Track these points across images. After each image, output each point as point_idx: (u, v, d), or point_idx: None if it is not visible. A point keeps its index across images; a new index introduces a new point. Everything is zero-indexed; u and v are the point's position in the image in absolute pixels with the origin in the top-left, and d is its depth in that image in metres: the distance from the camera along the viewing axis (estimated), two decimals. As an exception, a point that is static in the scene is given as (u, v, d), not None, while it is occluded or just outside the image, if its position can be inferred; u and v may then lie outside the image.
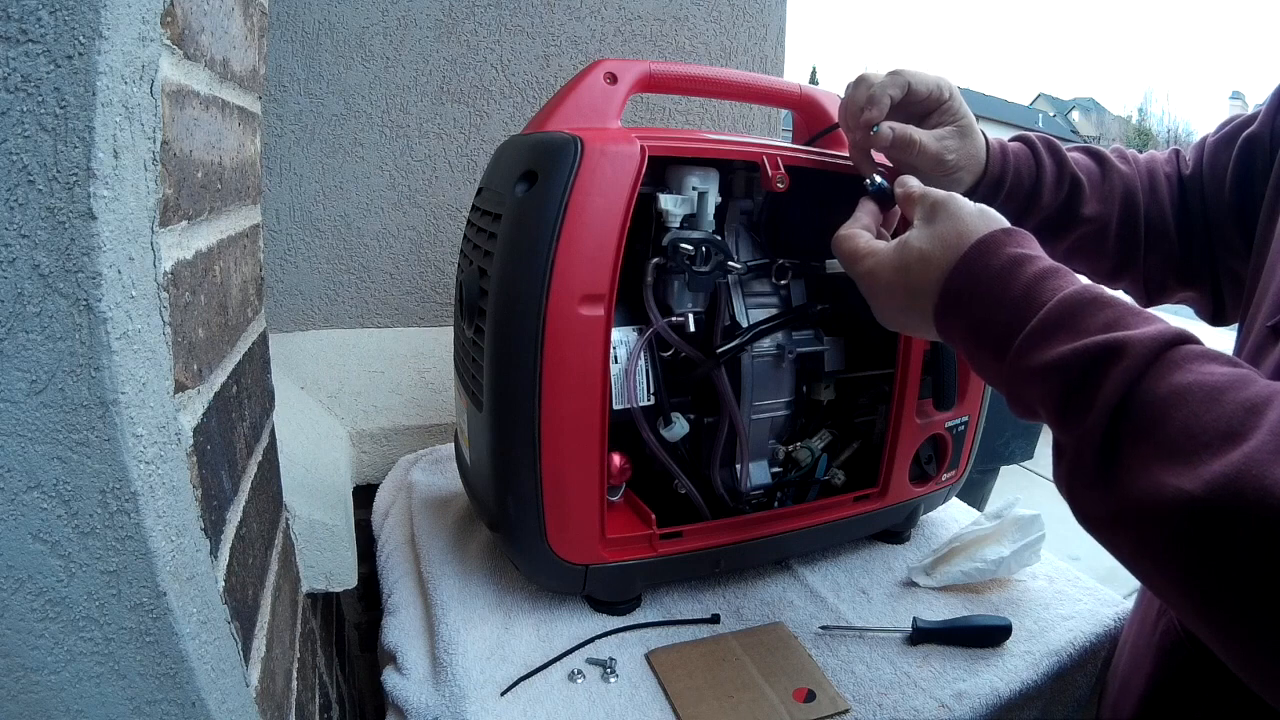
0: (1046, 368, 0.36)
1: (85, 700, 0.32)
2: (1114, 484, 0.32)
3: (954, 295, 0.42)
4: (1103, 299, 0.37)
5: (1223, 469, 0.28)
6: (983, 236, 0.42)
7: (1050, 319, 0.37)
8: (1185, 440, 0.30)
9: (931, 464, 0.74)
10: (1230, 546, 0.27)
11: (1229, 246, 0.60)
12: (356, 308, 1.11)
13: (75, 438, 0.29)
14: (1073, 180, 0.62)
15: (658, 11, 1.16)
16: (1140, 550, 0.32)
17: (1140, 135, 36.59)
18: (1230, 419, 0.29)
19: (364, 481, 0.97)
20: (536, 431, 0.55)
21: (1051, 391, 0.35)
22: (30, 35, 0.26)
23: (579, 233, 0.53)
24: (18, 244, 0.27)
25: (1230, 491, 0.28)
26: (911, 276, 0.45)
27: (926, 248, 0.44)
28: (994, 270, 0.41)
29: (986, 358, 0.41)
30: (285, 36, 0.99)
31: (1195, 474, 0.29)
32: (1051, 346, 0.36)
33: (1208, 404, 0.30)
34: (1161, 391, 0.32)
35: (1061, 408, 0.35)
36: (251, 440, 0.49)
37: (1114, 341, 0.34)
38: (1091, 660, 0.63)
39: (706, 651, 0.60)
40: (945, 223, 0.45)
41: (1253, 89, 52.16)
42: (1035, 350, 0.37)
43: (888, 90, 0.57)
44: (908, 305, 0.46)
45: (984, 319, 0.40)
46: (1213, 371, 0.32)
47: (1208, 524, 0.28)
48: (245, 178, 0.49)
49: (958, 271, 0.42)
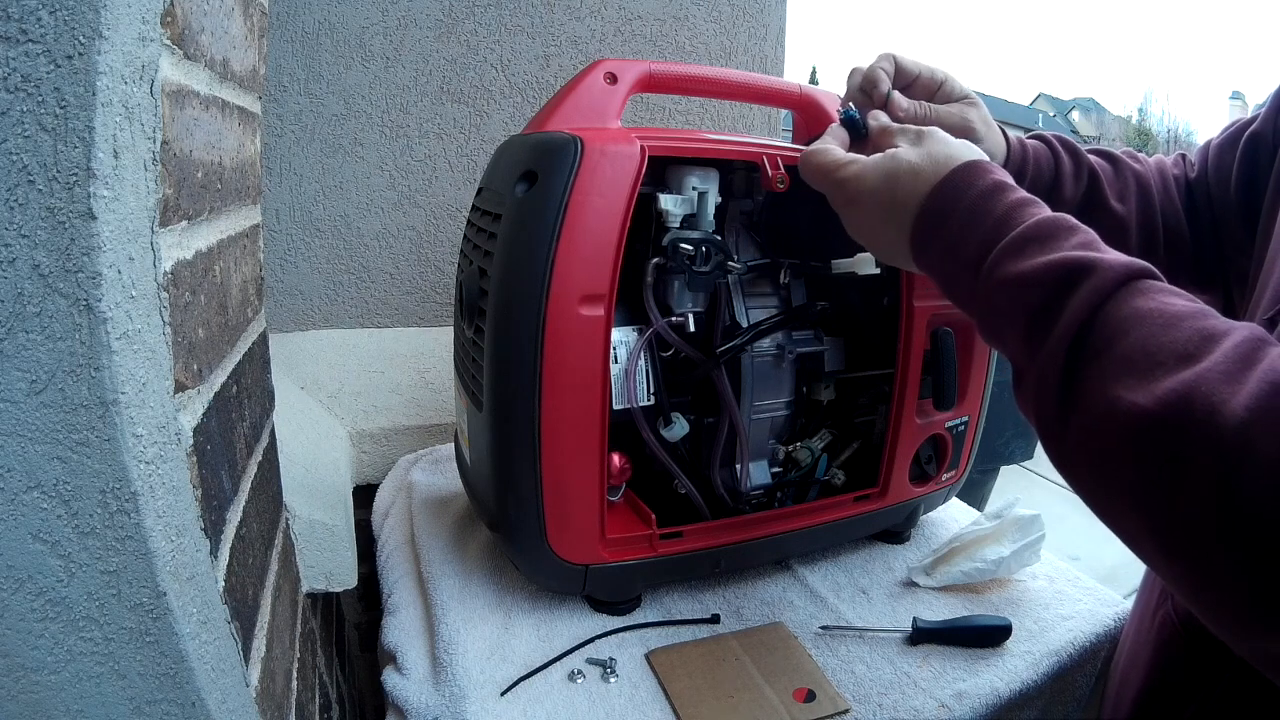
0: (1019, 279, 0.37)
1: (85, 700, 0.32)
2: (1073, 402, 0.33)
3: (937, 209, 0.43)
4: (1078, 226, 0.38)
5: (1174, 385, 0.29)
6: (971, 160, 0.44)
7: (1027, 234, 0.38)
8: (1142, 359, 0.31)
9: (931, 464, 0.74)
10: (1178, 462, 0.28)
11: (1237, 246, 0.60)
12: (356, 308, 1.11)
13: (75, 438, 0.29)
14: (1091, 172, 0.62)
15: (658, 11, 1.16)
16: (1097, 471, 0.32)
17: (1140, 135, 36.56)
18: (1186, 342, 0.30)
19: (364, 481, 0.97)
20: (536, 431, 0.55)
21: (1023, 305, 0.36)
22: (30, 35, 0.26)
23: (579, 233, 0.53)
24: (18, 244, 0.27)
25: (1180, 408, 0.28)
26: (899, 185, 0.46)
27: (917, 161, 0.45)
28: (979, 189, 0.42)
29: (960, 273, 0.41)
30: (285, 36, 0.99)
31: (1148, 389, 0.30)
32: (1026, 259, 0.37)
33: (1166, 328, 0.31)
34: (1125, 312, 0.33)
35: (1030, 322, 0.36)
36: (251, 440, 0.49)
37: (1086, 260, 0.35)
38: (1091, 660, 0.63)
39: (706, 651, 0.60)
40: (935, 145, 0.46)
41: (1253, 89, 52.13)
42: (1009, 262, 0.38)
43: (879, 67, 0.58)
44: (887, 216, 0.46)
45: (964, 233, 0.41)
46: (1174, 302, 0.33)
47: (1157, 438, 0.29)
48: (245, 178, 0.49)
49: (945, 185, 0.43)
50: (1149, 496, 0.29)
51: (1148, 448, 0.29)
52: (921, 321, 0.67)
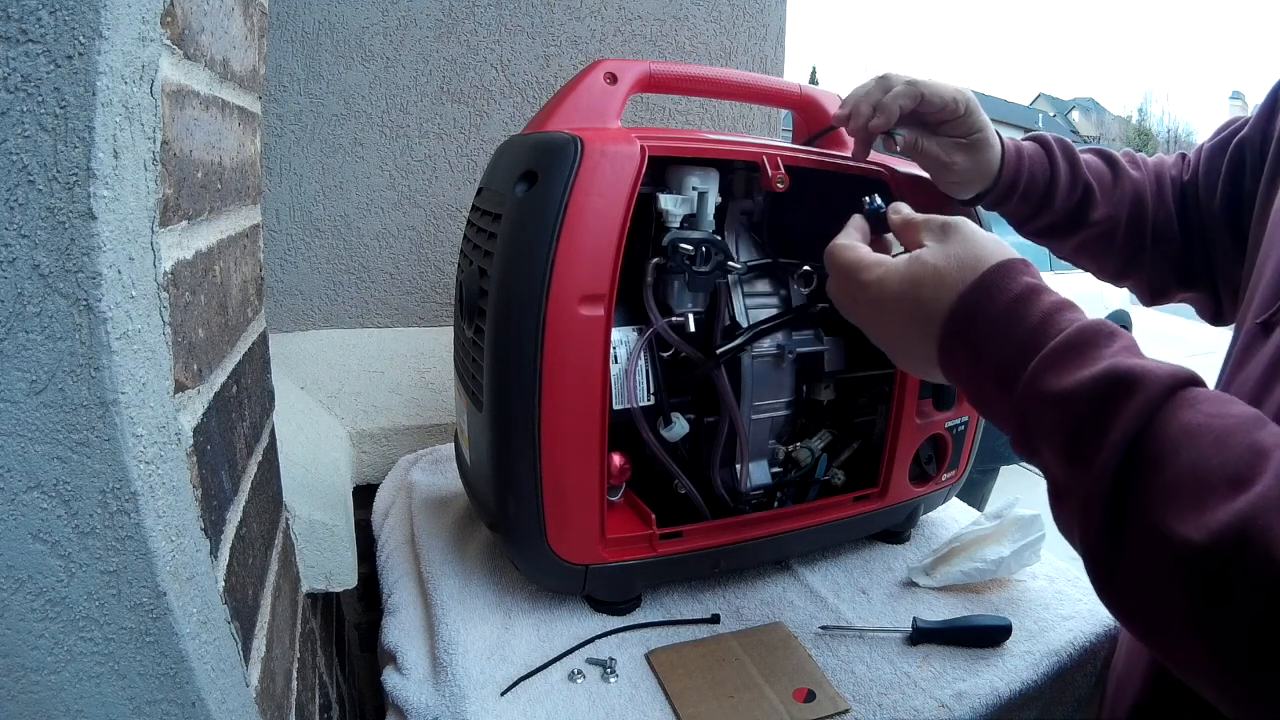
0: (1058, 396, 0.34)
1: (85, 700, 0.32)
2: (1122, 531, 0.31)
3: (966, 317, 0.40)
4: (1117, 331, 0.36)
5: (1227, 517, 0.27)
6: (1001, 261, 0.41)
7: (1065, 345, 0.36)
8: (1193, 483, 0.29)
9: (931, 464, 0.74)
10: (1233, 597, 0.27)
11: (1223, 250, 0.61)
12: (356, 308, 1.11)
13: (75, 438, 0.29)
14: (1085, 186, 0.62)
15: (658, 11, 1.16)
16: (1147, 601, 0.31)
17: (1140, 135, 36.56)
18: (1237, 463, 0.29)
19: (364, 481, 0.97)
20: (536, 431, 0.55)
21: (1061, 423, 0.34)
22: (30, 35, 0.26)
23: (579, 233, 0.53)
24: (18, 244, 0.27)
25: (1235, 542, 0.27)
26: (923, 292, 0.43)
27: (942, 265, 0.42)
28: (1011, 295, 0.39)
29: (991, 386, 0.39)
30: (285, 36, 0.99)
31: (1200, 522, 0.28)
32: (1065, 374, 0.35)
33: (1216, 447, 0.29)
34: (1172, 430, 0.31)
35: (1071, 441, 0.33)
36: (251, 440, 0.49)
37: (1130, 371, 0.33)
38: (1091, 660, 0.63)
39: (706, 651, 0.60)
40: (962, 244, 0.43)
41: (1253, 89, 52.18)
42: (1047, 377, 0.35)
43: (899, 100, 0.58)
44: (910, 323, 0.44)
45: (995, 343, 0.39)
46: (1222, 414, 0.31)
47: (1212, 573, 0.27)
48: (245, 178, 0.49)
49: (973, 291, 0.40)
50: (1204, 628, 0.28)
51: (1202, 582, 0.28)
52: (921, 321, 0.67)
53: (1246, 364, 0.46)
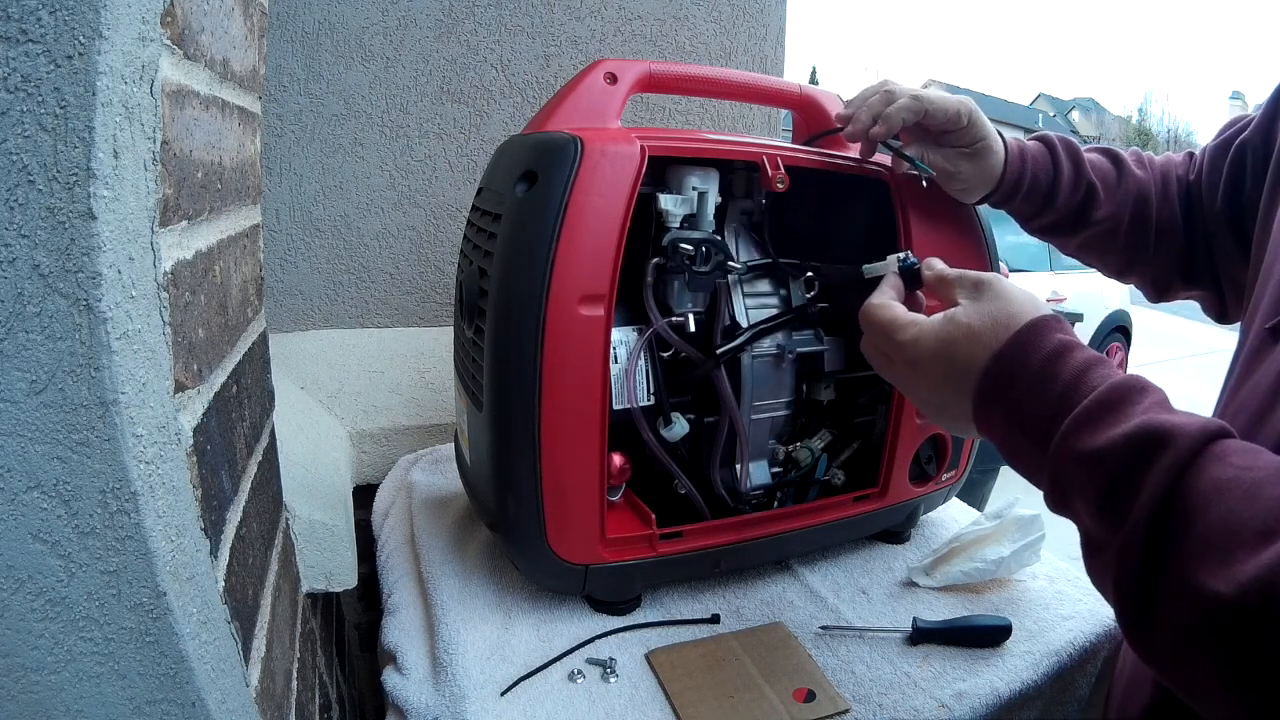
0: (1092, 454, 0.35)
1: (85, 700, 0.32)
2: (1154, 584, 0.31)
3: (1001, 376, 0.41)
4: (1149, 387, 0.36)
5: (1255, 571, 0.28)
6: (1034, 319, 0.41)
7: (1098, 404, 0.36)
8: (1223, 538, 0.29)
9: (931, 464, 0.74)
10: (1262, 651, 0.27)
11: (1225, 250, 0.61)
12: (356, 308, 1.11)
13: (75, 438, 0.29)
14: (1089, 185, 0.63)
15: (658, 11, 1.16)
16: (1180, 654, 0.31)
17: (1140, 135, 36.56)
18: (1267, 516, 0.29)
19: (364, 481, 0.97)
20: (536, 431, 0.55)
21: (1095, 480, 0.34)
22: (30, 35, 0.26)
23: (579, 233, 0.53)
24: (18, 244, 0.27)
25: (1264, 595, 0.27)
26: (958, 351, 0.43)
27: (976, 324, 0.43)
28: (1045, 353, 0.39)
29: (1026, 442, 0.39)
30: (285, 36, 0.99)
31: (1230, 575, 0.28)
32: (1099, 432, 0.35)
33: (1247, 500, 0.30)
34: (1203, 485, 0.31)
35: (1104, 498, 0.34)
36: (251, 440, 0.49)
37: (1160, 428, 0.33)
38: (1091, 660, 0.63)
39: (706, 651, 0.60)
40: (994, 302, 0.43)
41: (1253, 89, 52.21)
42: (1081, 435, 0.36)
43: (902, 114, 0.59)
44: (945, 381, 0.44)
45: (1030, 401, 0.39)
46: (1253, 465, 0.31)
47: (1242, 627, 0.28)
48: (245, 178, 0.49)
49: (1007, 350, 0.41)
50: (1233, 681, 0.28)
51: (1230, 636, 0.28)
52: (921, 321, 0.67)
53: (1255, 370, 0.46)
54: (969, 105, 0.60)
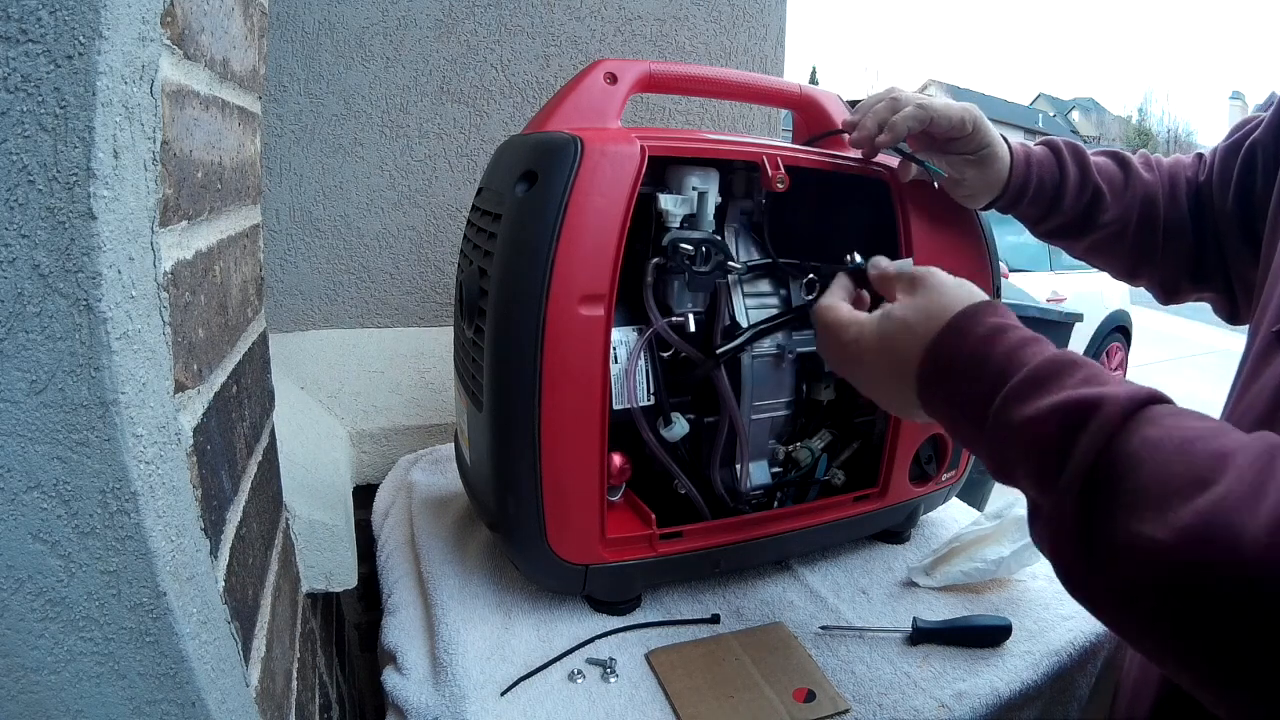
0: (1025, 424, 0.36)
1: (85, 700, 0.32)
2: (1092, 540, 0.32)
3: (938, 362, 0.43)
4: (1081, 361, 0.38)
5: (1192, 517, 0.28)
6: (966, 307, 0.43)
7: (1030, 378, 0.37)
8: (1156, 489, 0.30)
9: (931, 464, 0.74)
10: (1203, 595, 0.27)
11: (1235, 251, 0.61)
12: (356, 308, 1.11)
13: (75, 438, 0.29)
14: (1094, 189, 0.63)
15: (658, 11, 1.16)
16: (1123, 607, 0.32)
17: (1140, 135, 36.55)
18: (1200, 466, 0.29)
19: (364, 481, 0.97)
20: (536, 431, 0.55)
21: (1030, 448, 0.36)
22: (30, 35, 0.26)
23: (579, 233, 0.53)
24: (18, 244, 0.27)
25: (1200, 539, 0.28)
26: (895, 345, 0.46)
27: (910, 317, 0.45)
28: (977, 336, 0.41)
29: (966, 423, 0.41)
30: (285, 36, 0.99)
31: (1165, 522, 0.29)
32: (1030, 403, 0.36)
33: (1179, 454, 0.30)
34: (1134, 445, 0.32)
35: (1040, 464, 0.35)
36: (251, 440, 0.49)
37: (1091, 396, 0.34)
38: (1091, 660, 0.63)
39: (706, 651, 0.60)
40: (928, 294, 0.46)
41: (1253, 89, 52.19)
42: (1014, 408, 0.37)
43: (908, 122, 0.59)
44: (890, 374, 0.46)
45: (967, 383, 0.41)
46: (1184, 425, 0.32)
47: (1180, 572, 0.28)
48: (245, 178, 0.49)
49: (941, 339, 0.43)
50: (1178, 631, 0.29)
51: (1168, 579, 0.29)
52: (921, 321, 0.67)
53: (1262, 372, 0.46)
54: (974, 112, 0.60)
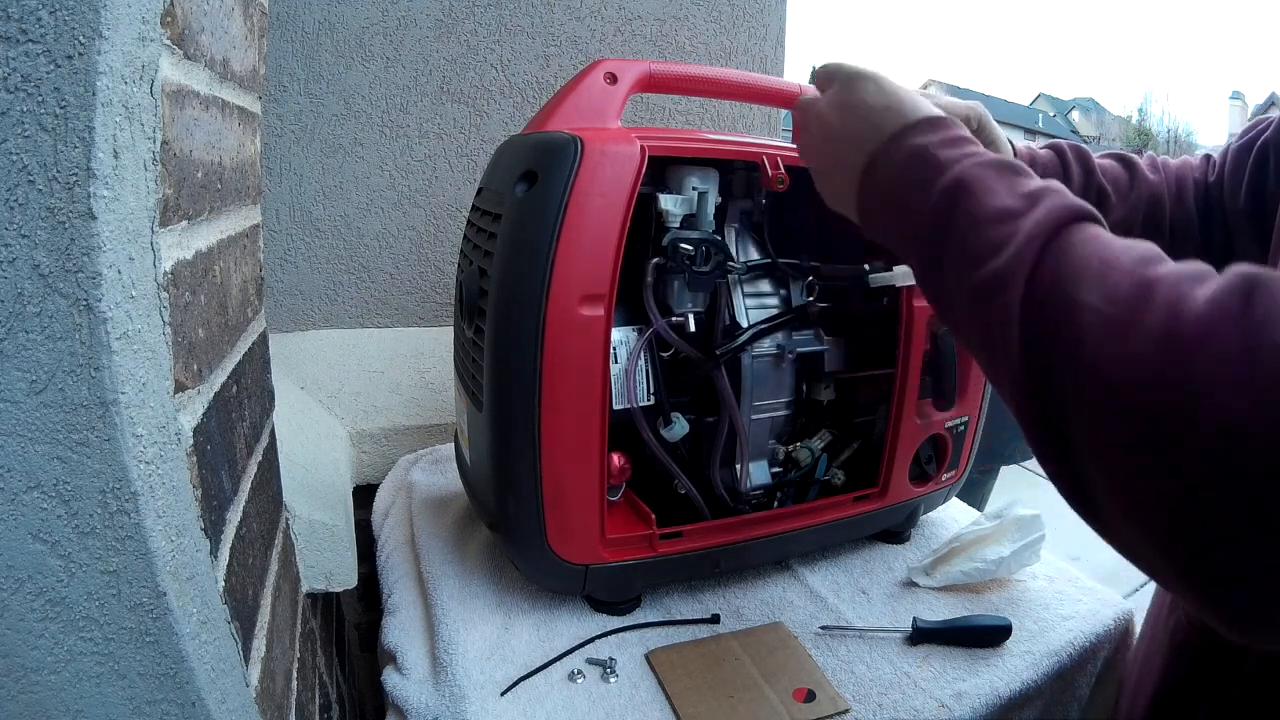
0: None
1: (85, 700, 0.32)
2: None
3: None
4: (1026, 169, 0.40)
5: (1132, 284, 0.29)
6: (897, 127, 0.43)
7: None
8: (1099, 264, 0.32)
9: (931, 464, 0.74)
10: (1140, 360, 0.27)
11: (1244, 251, 0.61)
12: (356, 308, 1.11)
13: (75, 438, 0.29)
14: (1099, 190, 0.63)
15: (658, 11, 1.16)
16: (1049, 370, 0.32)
17: (1140, 135, 36.53)
18: (1146, 250, 0.32)
19: (364, 481, 0.97)
20: (536, 431, 0.55)
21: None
22: (30, 35, 0.26)
23: (579, 233, 0.53)
24: (18, 244, 0.27)
25: (1139, 303, 0.28)
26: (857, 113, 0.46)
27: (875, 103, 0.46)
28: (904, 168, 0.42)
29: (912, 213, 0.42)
30: (285, 36, 0.99)
31: (1105, 290, 0.30)
32: None
33: (1127, 247, 0.33)
34: (1081, 238, 0.35)
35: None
36: (251, 440, 0.49)
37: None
38: (1091, 660, 0.63)
39: (706, 651, 0.60)
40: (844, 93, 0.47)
41: (1253, 89, 52.24)
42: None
43: None
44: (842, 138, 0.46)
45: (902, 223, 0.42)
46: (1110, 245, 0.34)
47: (1115, 335, 0.28)
48: (245, 178, 0.49)
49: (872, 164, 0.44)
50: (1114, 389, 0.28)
51: (1107, 345, 0.28)
52: (921, 322, 0.67)
53: None
54: (979, 110, 0.60)
